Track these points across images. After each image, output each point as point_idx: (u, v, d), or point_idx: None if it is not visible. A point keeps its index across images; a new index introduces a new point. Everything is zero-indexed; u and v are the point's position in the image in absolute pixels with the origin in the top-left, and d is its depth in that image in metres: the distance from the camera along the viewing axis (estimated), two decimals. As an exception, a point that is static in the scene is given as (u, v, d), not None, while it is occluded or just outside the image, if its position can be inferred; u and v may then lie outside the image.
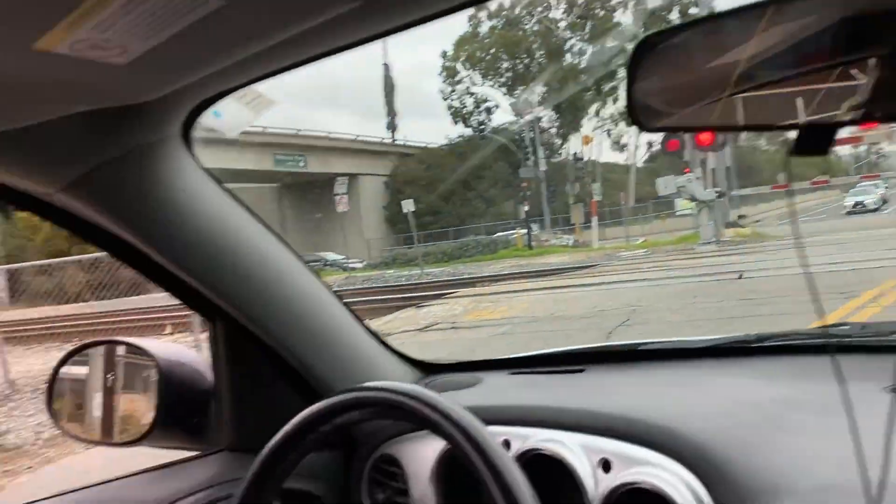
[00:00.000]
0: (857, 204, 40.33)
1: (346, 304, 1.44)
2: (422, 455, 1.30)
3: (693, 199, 21.47)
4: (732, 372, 1.36)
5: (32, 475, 5.84)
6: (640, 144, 55.58)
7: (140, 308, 14.98)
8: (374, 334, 1.51)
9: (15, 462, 6.30)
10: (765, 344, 1.45)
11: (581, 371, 1.49)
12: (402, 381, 1.54)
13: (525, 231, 32.56)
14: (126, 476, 1.32)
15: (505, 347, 8.07)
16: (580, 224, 33.68)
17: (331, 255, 33.95)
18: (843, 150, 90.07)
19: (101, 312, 13.77)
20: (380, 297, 15.04)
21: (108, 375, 1.41)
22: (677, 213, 36.71)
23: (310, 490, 1.38)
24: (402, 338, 9.75)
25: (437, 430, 0.88)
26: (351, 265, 32.00)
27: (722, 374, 1.36)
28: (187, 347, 1.50)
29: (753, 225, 32.18)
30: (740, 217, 37.31)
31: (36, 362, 10.16)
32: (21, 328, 13.63)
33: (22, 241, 28.38)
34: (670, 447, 1.05)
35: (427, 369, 1.65)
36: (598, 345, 1.66)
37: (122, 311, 14.70)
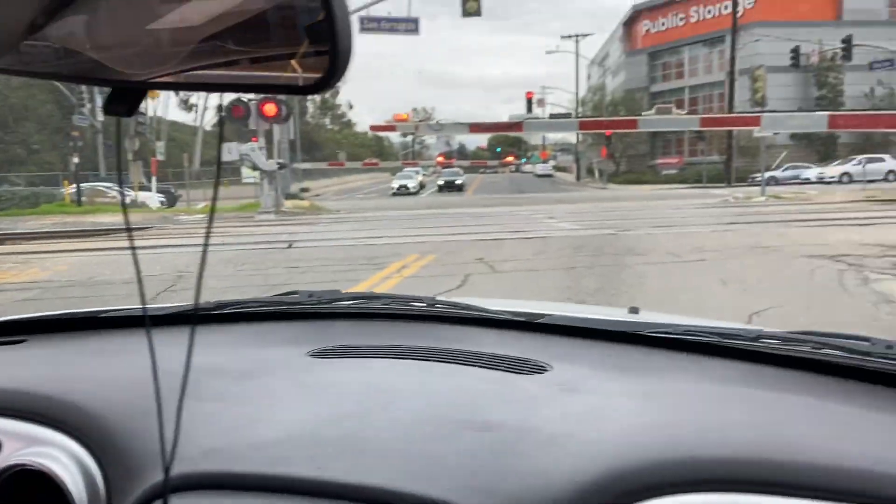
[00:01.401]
0: (401, 186, 45.58)
1: None
2: None
3: (256, 167, 21.78)
4: (179, 341, 1.35)
5: None
6: (210, 107, 54.36)
7: None
8: None
9: None
10: (224, 311, 1.48)
11: (23, 342, 1.33)
12: None
13: (75, 185, 29.26)
14: None
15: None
16: (139, 183, 31.48)
17: None
18: (394, 138, 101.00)
19: None
20: None
21: None
22: (243, 181, 36.91)
23: None
24: None
25: None
26: None
27: (172, 342, 1.34)
28: None
29: (313, 198, 34.01)
30: (303, 190, 39.19)
31: None
32: None
33: None
34: (68, 423, 0.98)
35: None
36: (47, 313, 1.51)
37: None
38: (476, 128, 13.36)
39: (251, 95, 24.74)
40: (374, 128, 23.07)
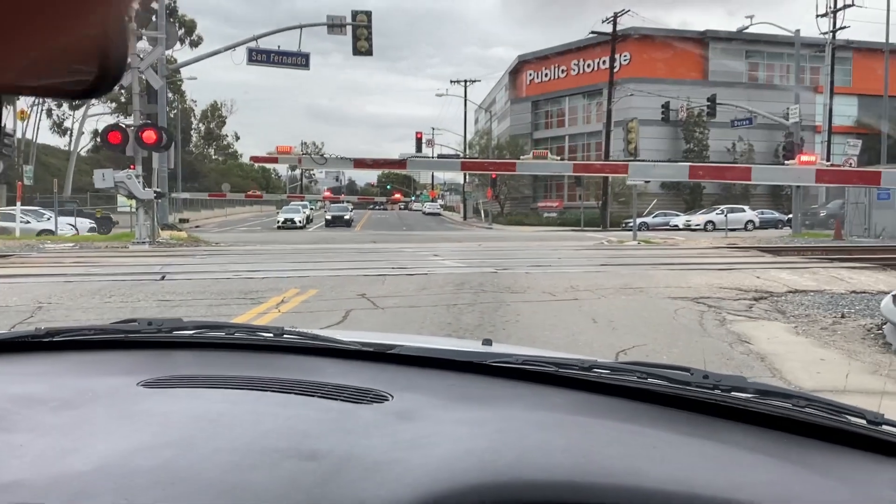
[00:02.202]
0: (286, 220, 44.95)
1: None
2: None
3: (132, 196, 20.86)
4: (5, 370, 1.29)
5: None
6: (85, 131, 51.79)
7: None
8: None
9: None
10: (55, 339, 1.42)
11: None
12: None
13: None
14: None
15: None
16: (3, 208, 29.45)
17: None
18: (282, 171, 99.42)
19: None
20: None
21: None
22: (118, 210, 35.32)
23: None
24: None
25: None
26: None
27: None
28: None
29: (193, 229, 32.87)
30: (181, 220, 37.83)
31: None
32: None
33: None
34: None
35: None
36: None
37: None
38: (360, 163, 13.39)
39: (129, 121, 23.80)
40: (255, 159, 22.60)
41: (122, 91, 35.36)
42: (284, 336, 1.47)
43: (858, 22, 45.73)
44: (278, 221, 45.45)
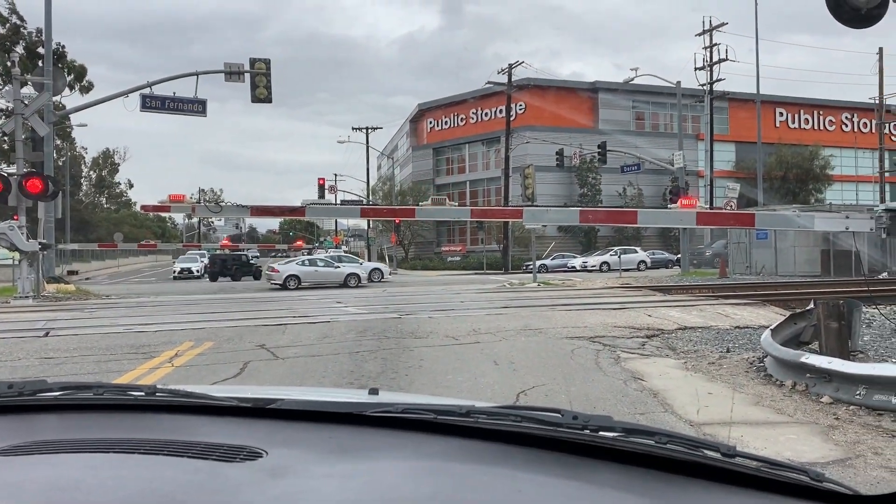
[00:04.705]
0: (183, 269, 43.44)
1: None
2: None
3: (14, 248, 19.67)
4: None
5: None
6: (-38, 179, 48.66)
7: None
8: None
9: None
10: None
11: None
12: None
13: None
14: None
15: None
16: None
17: None
18: (179, 219, 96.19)
19: None
20: None
21: None
22: (0, 263, 33.29)
23: None
24: None
25: None
26: None
27: None
28: None
29: (83, 281, 31.25)
30: (70, 272, 35.91)
31: None
32: None
33: None
34: None
35: None
36: None
37: None
38: (258, 211, 13.20)
39: (13, 169, 22.57)
40: (145, 208, 21.79)
41: (6, 138, 33.58)
42: (157, 394, 1.42)
43: (733, 75, 49.31)
44: (175, 271, 43.92)
